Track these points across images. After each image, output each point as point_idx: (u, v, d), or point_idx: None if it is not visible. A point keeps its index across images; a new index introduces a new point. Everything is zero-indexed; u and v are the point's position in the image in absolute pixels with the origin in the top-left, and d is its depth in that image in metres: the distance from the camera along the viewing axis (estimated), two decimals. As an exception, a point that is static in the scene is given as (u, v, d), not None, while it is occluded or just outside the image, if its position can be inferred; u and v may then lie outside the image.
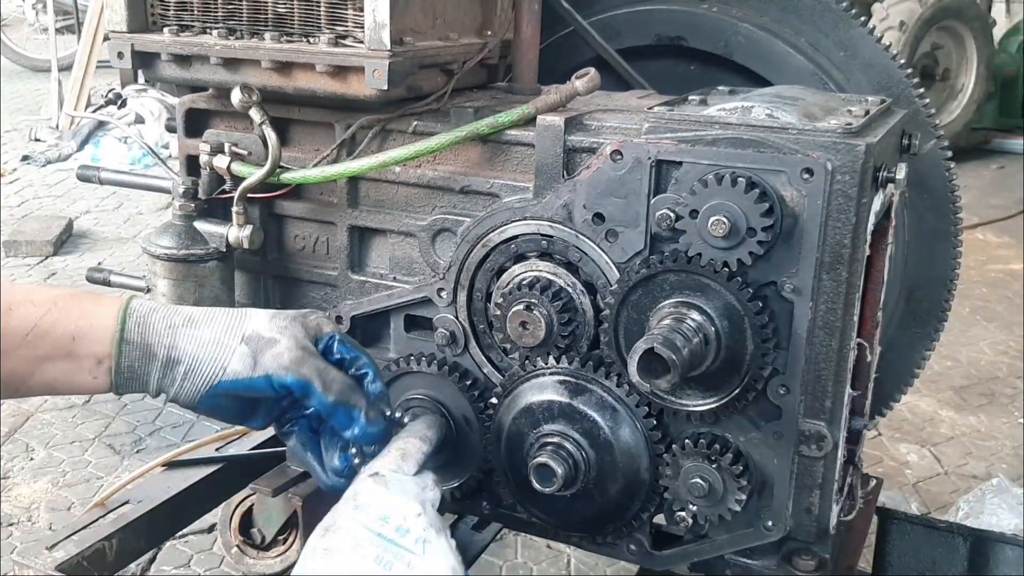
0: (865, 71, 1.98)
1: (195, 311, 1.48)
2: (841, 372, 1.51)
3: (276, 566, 2.40)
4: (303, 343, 1.49)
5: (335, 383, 1.49)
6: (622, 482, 1.60)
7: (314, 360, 1.49)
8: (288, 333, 1.49)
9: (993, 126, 9.01)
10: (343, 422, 1.51)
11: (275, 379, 1.45)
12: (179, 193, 1.87)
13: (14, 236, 5.64)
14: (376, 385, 1.55)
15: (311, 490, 2.07)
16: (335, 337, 1.56)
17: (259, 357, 1.45)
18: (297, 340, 1.49)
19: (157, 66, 1.85)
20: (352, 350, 1.56)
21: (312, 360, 1.49)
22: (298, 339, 1.49)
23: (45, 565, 1.86)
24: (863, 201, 1.43)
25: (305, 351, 1.49)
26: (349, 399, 1.50)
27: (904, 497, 3.22)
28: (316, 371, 1.48)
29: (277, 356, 1.46)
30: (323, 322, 1.58)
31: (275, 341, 1.47)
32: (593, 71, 1.67)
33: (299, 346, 1.48)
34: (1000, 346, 4.69)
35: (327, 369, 1.49)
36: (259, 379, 1.45)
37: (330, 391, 1.48)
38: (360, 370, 1.55)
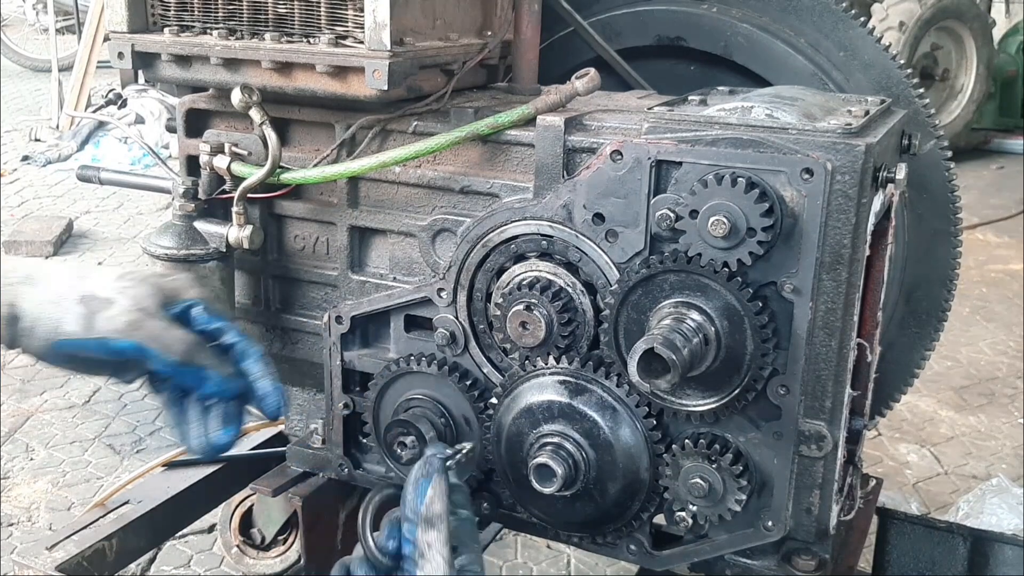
0: (865, 71, 1.98)
1: (39, 268, 1.43)
2: (841, 372, 1.51)
3: (276, 566, 2.40)
4: (143, 305, 1.42)
5: (176, 343, 1.42)
6: (622, 482, 1.60)
7: (152, 322, 1.42)
8: (128, 294, 1.42)
9: (993, 126, 9.01)
10: (192, 381, 1.45)
11: (109, 342, 1.40)
12: (179, 193, 1.87)
13: (14, 236, 5.64)
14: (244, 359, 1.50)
15: (311, 490, 2.07)
16: (196, 304, 1.49)
17: (94, 319, 1.40)
18: (137, 301, 1.42)
19: (157, 66, 1.85)
20: (215, 319, 1.50)
21: (150, 323, 1.42)
22: (138, 300, 1.42)
23: (45, 565, 1.86)
24: (863, 201, 1.43)
25: (143, 313, 1.42)
26: (194, 358, 1.44)
27: (904, 497, 3.22)
28: (152, 334, 1.41)
29: (111, 319, 1.40)
30: (184, 286, 1.52)
31: (111, 302, 1.41)
32: (593, 71, 1.67)
33: (137, 308, 1.41)
34: (1000, 346, 4.69)
35: (167, 330, 1.42)
36: (92, 342, 1.40)
37: (171, 352, 1.42)
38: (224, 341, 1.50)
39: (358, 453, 1.95)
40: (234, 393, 1.50)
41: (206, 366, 1.46)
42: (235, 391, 1.50)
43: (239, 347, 1.53)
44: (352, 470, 1.94)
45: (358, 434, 1.92)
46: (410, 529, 1.34)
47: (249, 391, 1.55)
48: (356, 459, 1.95)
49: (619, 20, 2.17)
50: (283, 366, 2.07)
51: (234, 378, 1.49)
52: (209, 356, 1.47)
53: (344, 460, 1.94)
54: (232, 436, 1.57)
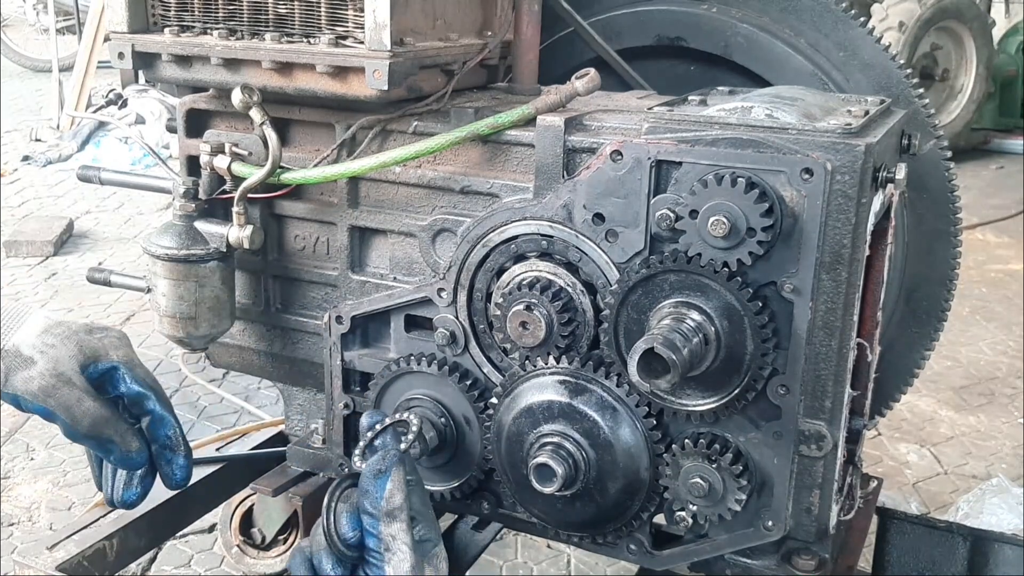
0: (865, 71, 1.98)
1: None
2: (841, 372, 1.51)
3: (276, 566, 2.40)
4: (60, 370, 1.43)
5: (86, 417, 1.45)
6: (622, 482, 1.60)
7: (66, 390, 1.44)
8: (49, 355, 1.43)
9: (992, 126, 9.02)
10: (97, 451, 1.50)
11: (22, 401, 1.43)
12: (180, 193, 1.87)
13: (15, 236, 5.65)
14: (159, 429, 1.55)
15: (312, 490, 2.07)
16: (118, 368, 1.51)
17: (11, 375, 1.42)
18: (55, 365, 1.43)
19: (158, 66, 1.85)
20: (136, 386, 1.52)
21: (64, 391, 1.43)
22: (58, 364, 1.43)
23: (46, 565, 1.86)
24: (863, 201, 1.43)
25: (59, 380, 1.43)
26: (100, 433, 1.47)
27: (904, 497, 3.23)
28: (64, 404, 1.43)
29: (27, 380, 1.42)
30: (110, 345, 1.53)
31: (31, 362, 1.42)
32: (593, 71, 1.67)
33: (53, 373, 1.43)
34: (1000, 346, 4.69)
35: (80, 401, 1.45)
36: (8, 396, 1.43)
37: (79, 425, 1.45)
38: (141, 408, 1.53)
39: (358, 453, 1.95)
40: (136, 466, 1.56)
41: (112, 440, 1.50)
42: (137, 464, 1.56)
43: (155, 418, 1.57)
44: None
45: (358, 434, 1.92)
46: (372, 524, 1.36)
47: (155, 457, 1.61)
48: (356, 459, 1.95)
49: (619, 20, 2.17)
50: (284, 366, 2.08)
51: (138, 452, 1.55)
52: (116, 430, 1.51)
53: (344, 460, 1.94)
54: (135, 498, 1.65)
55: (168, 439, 1.62)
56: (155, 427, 1.61)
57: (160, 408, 1.60)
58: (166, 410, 1.62)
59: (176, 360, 4.06)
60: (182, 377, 3.98)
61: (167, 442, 1.63)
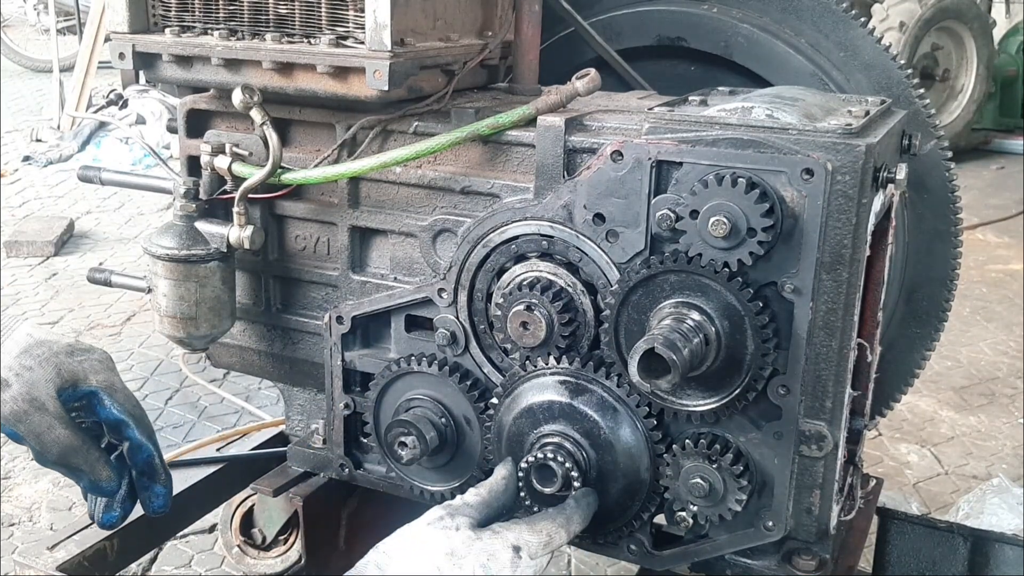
0: (865, 72, 1.98)
1: None
2: (841, 372, 1.51)
3: (277, 566, 2.40)
4: (34, 395, 1.43)
5: (55, 445, 1.44)
6: (622, 482, 1.60)
7: (37, 417, 1.43)
8: (24, 379, 1.43)
9: (993, 126, 9.02)
10: (70, 476, 1.51)
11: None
12: (180, 193, 1.87)
13: (15, 236, 5.65)
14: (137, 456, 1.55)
15: (312, 490, 2.07)
16: (96, 393, 1.50)
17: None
18: (30, 390, 1.42)
19: (158, 67, 1.85)
20: (114, 412, 1.52)
21: (35, 417, 1.42)
22: (32, 388, 1.43)
23: (46, 565, 1.86)
24: (863, 201, 1.43)
25: (31, 405, 1.42)
26: (69, 462, 1.46)
27: (904, 497, 3.22)
28: (34, 431, 1.42)
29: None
30: (91, 369, 1.52)
31: (6, 385, 1.42)
32: (593, 72, 1.67)
33: (27, 398, 1.42)
34: (1000, 346, 4.69)
35: (50, 429, 1.44)
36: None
37: (48, 453, 1.44)
38: (120, 435, 1.53)
39: (359, 453, 1.95)
40: (107, 493, 1.56)
41: (81, 470, 1.50)
42: (108, 492, 1.56)
43: (132, 445, 1.57)
44: (353, 470, 1.94)
45: (359, 434, 1.92)
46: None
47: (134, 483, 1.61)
48: (357, 459, 1.95)
49: (620, 20, 2.17)
50: (284, 366, 2.08)
51: (107, 481, 1.54)
52: (86, 460, 1.50)
53: (345, 460, 1.94)
54: (115, 520, 1.65)
55: (146, 467, 1.62)
56: (134, 454, 1.61)
57: (139, 435, 1.59)
58: (145, 437, 1.62)
59: (177, 360, 4.06)
60: (182, 377, 3.98)
61: (145, 469, 1.63)
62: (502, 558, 1.37)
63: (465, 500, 1.48)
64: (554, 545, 1.45)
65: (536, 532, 1.44)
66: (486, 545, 1.38)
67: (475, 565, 1.36)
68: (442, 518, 1.42)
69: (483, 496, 1.50)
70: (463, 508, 1.45)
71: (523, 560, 1.39)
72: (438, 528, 1.40)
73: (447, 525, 1.40)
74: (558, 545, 1.46)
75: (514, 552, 1.39)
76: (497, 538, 1.40)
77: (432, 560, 1.35)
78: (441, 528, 1.39)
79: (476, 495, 1.49)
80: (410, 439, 1.74)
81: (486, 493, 1.51)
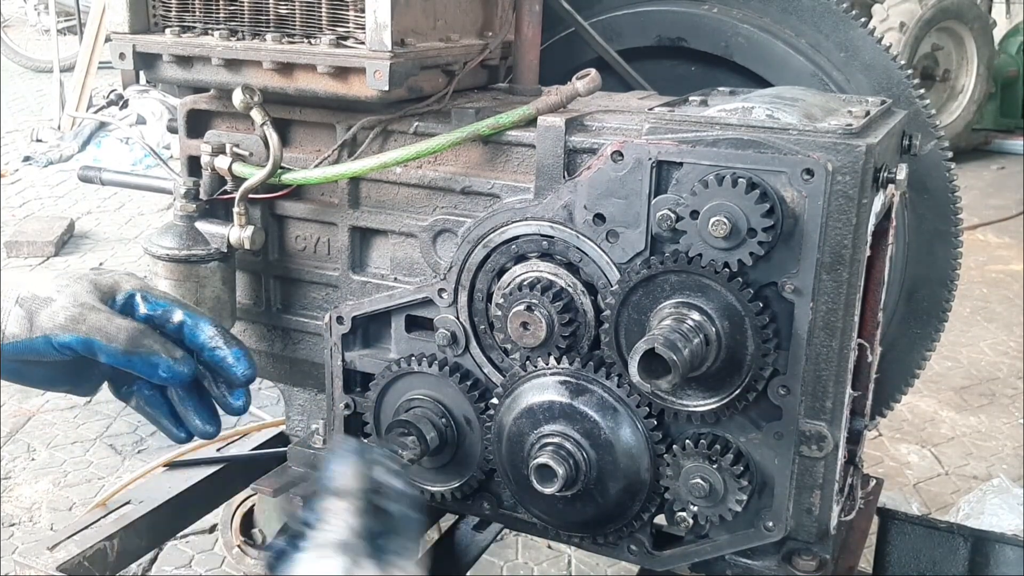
0: (865, 72, 1.98)
1: None
2: (842, 372, 1.51)
3: (277, 566, 2.40)
4: (82, 299, 1.42)
5: (121, 332, 1.40)
6: (623, 482, 1.61)
7: (94, 315, 1.41)
8: (67, 291, 1.42)
9: (993, 127, 9.02)
10: (145, 370, 1.43)
11: (53, 339, 1.39)
12: (180, 194, 1.87)
13: (15, 237, 5.65)
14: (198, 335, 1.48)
15: (312, 490, 2.07)
16: (135, 294, 1.48)
17: (34, 318, 1.39)
18: (76, 297, 1.41)
19: (159, 67, 1.85)
20: (159, 303, 1.48)
21: (92, 315, 1.41)
22: (77, 296, 1.42)
23: (46, 565, 1.86)
24: (863, 202, 1.43)
25: (84, 307, 1.41)
26: (140, 345, 1.41)
27: (904, 497, 3.22)
28: (96, 326, 1.39)
29: (52, 315, 1.39)
30: (121, 279, 1.50)
31: (50, 300, 1.40)
32: (594, 72, 1.67)
33: (77, 303, 1.41)
34: (1000, 346, 4.69)
35: (111, 321, 1.41)
36: (38, 340, 1.39)
37: (116, 341, 1.40)
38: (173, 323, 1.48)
39: (359, 453, 1.95)
40: (187, 376, 1.48)
41: (154, 351, 1.43)
42: (187, 374, 1.48)
43: (189, 323, 1.51)
44: (353, 470, 1.94)
45: (359, 434, 1.92)
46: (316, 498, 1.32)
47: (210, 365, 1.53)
48: (357, 459, 1.95)
49: (620, 21, 2.17)
50: (284, 366, 2.08)
51: (184, 360, 1.47)
52: (156, 341, 1.45)
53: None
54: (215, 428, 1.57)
55: (212, 339, 1.52)
56: (194, 334, 1.51)
57: (192, 315, 1.52)
58: (199, 315, 1.53)
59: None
60: (183, 377, 3.98)
61: (212, 342, 1.52)
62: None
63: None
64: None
65: None
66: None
67: None
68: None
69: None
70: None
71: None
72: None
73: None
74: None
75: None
76: None
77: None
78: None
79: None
80: (410, 439, 1.74)
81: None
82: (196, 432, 1.58)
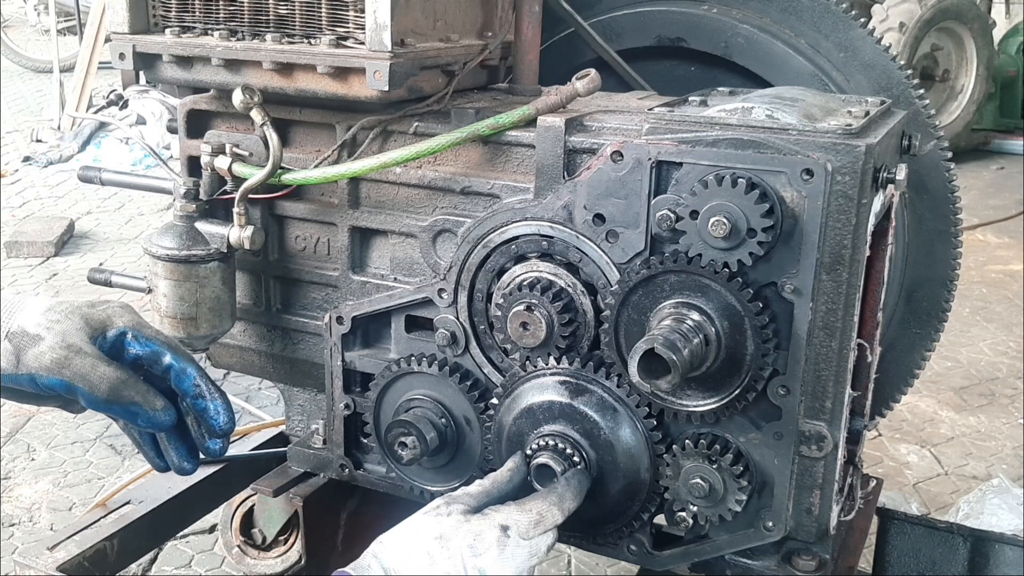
0: (865, 72, 1.98)
1: None
2: (841, 373, 1.51)
3: (277, 566, 2.40)
4: (70, 341, 1.42)
5: (104, 382, 1.42)
6: (622, 482, 1.61)
7: (80, 360, 1.42)
8: (56, 329, 1.42)
9: (993, 127, 9.02)
10: (125, 417, 1.46)
11: (38, 379, 1.40)
12: (180, 194, 1.87)
13: (15, 237, 5.65)
14: (183, 381, 1.50)
15: (312, 490, 2.07)
16: (126, 332, 1.49)
17: (21, 355, 1.40)
18: (64, 338, 1.42)
19: (159, 67, 1.85)
20: (149, 345, 1.49)
21: (77, 360, 1.41)
22: (66, 336, 1.42)
23: (46, 565, 1.86)
24: (863, 202, 1.43)
25: (70, 350, 1.41)
26: (121, 396, 1.43)
27: (904, 497, 3.22)
28: (79, 372, 1.41)
29: (38, 356, 1.40)
30: (114, 313, 1.51)
31: (39, 339, 1.41)
32: (594, 72, 1.67)
33: (64, 345, 1.41)
34: (1000, 346, 4.69)
35: (95, 368, 1.42)
36: (23, 377, 1.40)
37: (97, 390, 1.41)
38: (160, 366, 1.50)
39: (359, 453, 1.95)
40: (167, 424, 1.51)
41: (135, 402, 1.46)
42: (165, 423, 1.51)
43: (176, 368, 1.53)
44: (353, 470, 1.94)
45: (359, 434, 1.93)
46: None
47: (192, 412, 1.56)
48: (357, 459, 1.95)
49: (620, 21, 2.17)
50: (284, 367, 2.08)
51: (164, 410, 1.49)
52: (138, 391, 1.46)
53: (345, 460, 1.94)
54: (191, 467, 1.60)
55: (196, 388, 1.55)
56: (179, 380, 1.54)
57: (181, 360, 1.54)
58: (187, 361, 1.56)
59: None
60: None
61: (195, 391, 1.55)
62: (488, 538, 1.38)
63: (466, 490, 1.50)
64: (547, 524, 1.45)
65: (526, 512, 1.44)
66: (473, 527, 1.39)
67: (462, 547, 1.37)
68: (438, 506, 1.43)
69: (485, 486, 1.51)
70: (461, 496, 1.47)
71: (511, 539, 1.39)
72: (432, 515, 1.41)
73: (440, 512, 1.41)
74: (551, 524, 1.46)
75: (501, 531, 1.39)
76: (485, 520, 1.40)
77: (422, 545, 1.37)
78: (435, 515, 1.41)
79: (479, 485, 1.51)
80: (410, 439, 1.74)
81: (489, 483, 1.52)
82: (174, 467, 1.63)
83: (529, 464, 1.59)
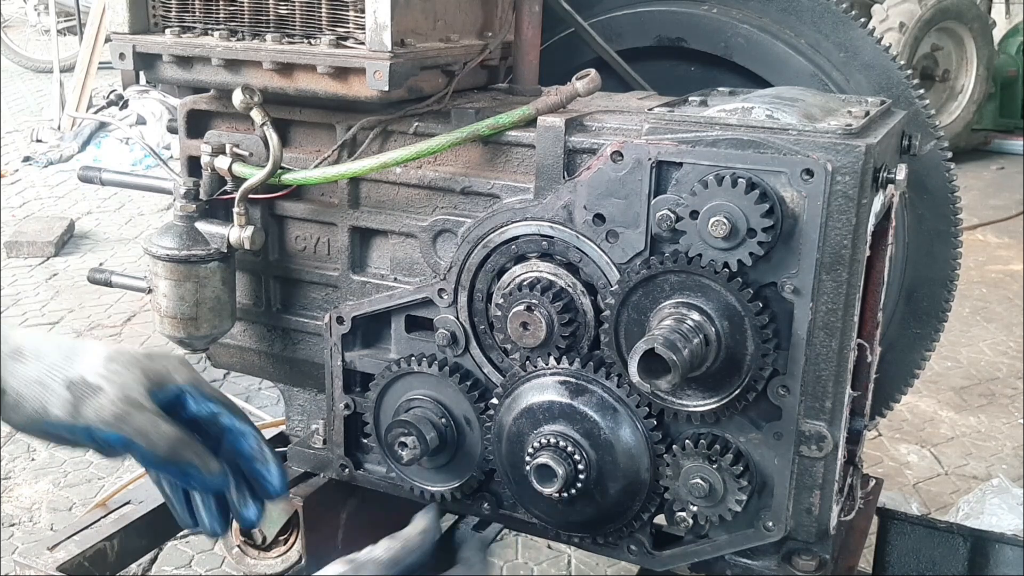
0: (865, 72, 1.98)
1: (26, 340, 1.39)
2: (841, 373, 1.51)
3: (277, 566, 2.40)
4: (131, 396, 1.40)
5: (163, 440, 1.40)
6: (622, 482, 1.61)
7: (140, 416, 1.39)
8: (117, 382, 1.39)
9: (993, 127, 9.01)
10: (178, 477, 1.45)
11: (95, 432, 1.37)
12: (180, 194, 1.87)
13: (16, 237, 5.65)
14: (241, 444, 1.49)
15: (312, 490, 2.07)
16: (186, 391, 1.48)
17: (80, 407, 1.37)
18: (124, 391, 1.39)
19: (159, 67, 1.85)
20: (206, 405, 1.48)
21: (137, 416, 1.39)
22: (126, 390, 1.39)
23: (46, 565, 1.86)
24: (863, 202, 1.43)
25: (131, 406, 1.39)
26: (179, 456, 1.41)
27: (904, 497, 3.22)
28: (139, 429, 1.38)
29: (98, 409, 1.37)
30: (175, 368, 1.48)
31: (99, 390, 1.38)
32: (594, 72, 1.67)
33: (124, 399, 1.39)
34: (1000, 346, 4.69)
35: (155, 425, 1.40)
36: (80, 429, 1.37)
37: (156, 449, 1.39)
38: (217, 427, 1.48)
39: (359, 453, 1.95)
40: (217, 488, 1.48)
41: (191, 462, 1.43)
42: (218, 487, 1.48)
43: (233, 431, 1.51)
44: (353, 470, 1.94)
45: (359, 434, 1.92)
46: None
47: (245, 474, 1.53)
48: (357, 459, 1.95)
49: (620, 21, 2.17)
50: (284, 367, 2.08)
51: (219, 476, 1.46)
52: (196, 452, 1.44)
53: (345, 460, 1.94)
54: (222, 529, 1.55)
55: (252, 450, 1.52)
56: (236, 442, 1.51)
57: (237, 422, 1.51)
58: (244, 423, 1.53)
59: (177, 361, 4.05)
60: (183, 378, 3.97)
61: (252, 454, 1.52)
62: None
63: (372, 555, 1.40)
64: None
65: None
66: None
67: None
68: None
69: (395, 551, 1.40)
70: (367, 564, 1.37)
71: None
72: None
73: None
74: None
75: None
76: None
77: None
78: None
79: (387, 549, 1.40)
80: (410, 439, 1.74)
81: (399, 547, 1.41)
82: (203, 528, 1.57)
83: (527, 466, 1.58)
